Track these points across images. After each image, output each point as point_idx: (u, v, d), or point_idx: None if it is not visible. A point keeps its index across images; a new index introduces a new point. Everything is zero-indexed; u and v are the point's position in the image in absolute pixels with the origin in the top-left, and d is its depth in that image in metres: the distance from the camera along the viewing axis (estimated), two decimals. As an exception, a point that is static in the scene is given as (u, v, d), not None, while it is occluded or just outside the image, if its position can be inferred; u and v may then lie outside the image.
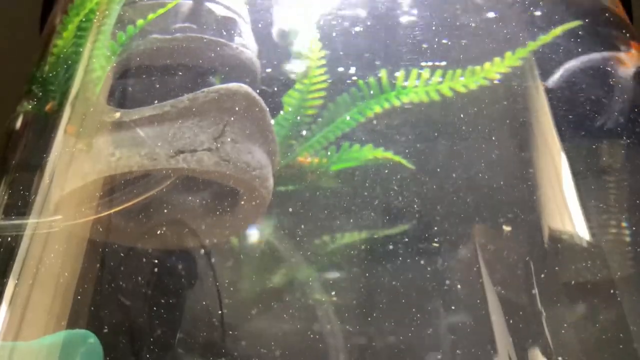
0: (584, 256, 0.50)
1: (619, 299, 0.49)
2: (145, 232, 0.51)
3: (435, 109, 0.53)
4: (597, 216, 0.52)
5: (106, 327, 0.48)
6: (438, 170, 0.53)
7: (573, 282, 0.49)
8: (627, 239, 0.52)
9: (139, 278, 0.51)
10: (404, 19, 0.57)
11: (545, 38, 0.54)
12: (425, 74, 0.53)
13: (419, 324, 0.49)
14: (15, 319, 0.45)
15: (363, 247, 0.52)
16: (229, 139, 0.49)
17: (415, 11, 0.57)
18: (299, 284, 0.52)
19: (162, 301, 0.52)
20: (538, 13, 0.58)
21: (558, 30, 0.55)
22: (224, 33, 0.54)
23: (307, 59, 0.54)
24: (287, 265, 0.52)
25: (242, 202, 0.51)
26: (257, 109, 0.51)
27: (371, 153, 0.53)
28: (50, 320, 0.45)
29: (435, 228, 0.51)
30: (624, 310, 0.48)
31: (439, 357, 0.48)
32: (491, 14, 0.58)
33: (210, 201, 0.53)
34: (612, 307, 0.49)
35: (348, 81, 0.54)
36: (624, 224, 0.52)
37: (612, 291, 0.49)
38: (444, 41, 0.56)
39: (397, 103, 0.53)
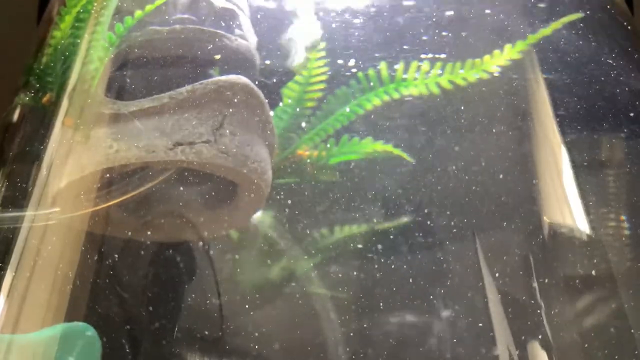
0: (584, 249, 0.50)
1: (618, 292, 0.49)
2: (143, 224, 0.51)
3: (436, 102, 0.53)
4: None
5: (104, 319, 0.48)
6: (438, 163, 0.53)
7: (573, 276, 0.49)
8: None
9: (137, 270, 0.51)
10: (404, 11, 0.57)
11: (545, 31, 0.54)
12: (425, 66, 0.53)
13: (418, 317, 0.49)
14: (13, 312, 0.45)
15: (363, 240, 0.52)
16: (227, 131, 0.49)
17: (415, 3, 0.57)
18: (297, 277, 0.52)
19: (161, 294, 0.52)
20: (542, 5, 0.58)
21: (558, 23, 0.55)
22: (223, 24, 0.53)
23: (306, 51, 0.54)
24: (285, 258, 0.52)
25: (241, 195, 0.51)
26: (256, 101, 0.50)
27: (370, 146, 0.52)
28: (48, 313, 0.45)
29: (435, 221, 0.51)
30: (623, 303, 0.48)
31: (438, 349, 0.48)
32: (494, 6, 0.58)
33: (208, 194, 0.52)
34: (611, 301, 0.49)
35: (348, 73, 0.54)
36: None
37: (611, 284, 0.49)
38: (445, 33, 0.56)
39: (396, 96, 0.53)
